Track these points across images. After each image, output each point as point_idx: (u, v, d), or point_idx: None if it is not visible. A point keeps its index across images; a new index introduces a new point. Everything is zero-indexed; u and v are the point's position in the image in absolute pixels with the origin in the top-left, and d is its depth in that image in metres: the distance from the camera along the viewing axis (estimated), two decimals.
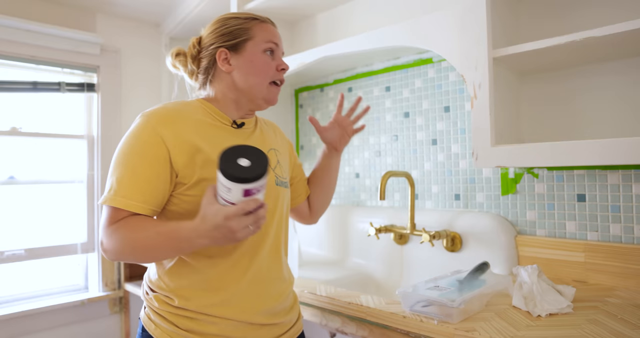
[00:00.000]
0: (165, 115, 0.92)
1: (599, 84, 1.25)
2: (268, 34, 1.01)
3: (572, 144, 1.06)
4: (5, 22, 1.95)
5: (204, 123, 0.96)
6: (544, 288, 1.01)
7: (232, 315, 0.92)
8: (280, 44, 1.03)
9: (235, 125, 1.01)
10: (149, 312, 0.96)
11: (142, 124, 0.90)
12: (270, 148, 1.06)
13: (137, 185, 0.87)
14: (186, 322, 0.91)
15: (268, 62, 1.00)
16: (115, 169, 0.89)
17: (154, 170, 0.88)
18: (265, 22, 1.04)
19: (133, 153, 0.88)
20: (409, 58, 1.70)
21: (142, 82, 2.50)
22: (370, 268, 1.70)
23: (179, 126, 0.91)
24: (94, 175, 2.30)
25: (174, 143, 0.89)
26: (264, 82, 0.99)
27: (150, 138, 0.88)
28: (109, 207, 0.87)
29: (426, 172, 1.64)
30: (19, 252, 2.07)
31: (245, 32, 1.00)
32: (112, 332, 2.31)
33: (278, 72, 1.02)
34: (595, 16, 1.23)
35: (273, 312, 0.98)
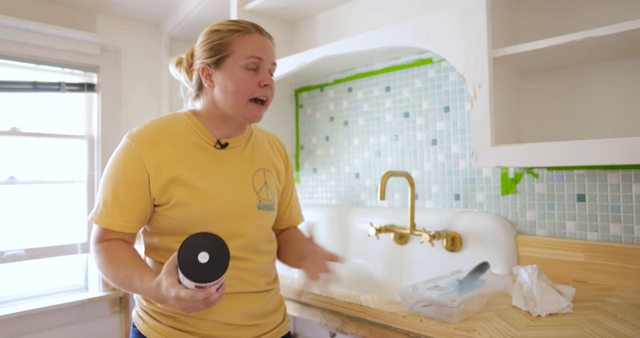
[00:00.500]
0: (148, 137, 0.95)
1: (599, 84, 1.25)
2: (249, 48, 0.94)
3: (572, 144, 1.06)
4: (5, 22, 1.95)
5: (187, 143, 0.97)
6: (544, 288, 1.01)
7: (211, 316, 0.95)
8: (266, 57, 0.96)
9: (218, 145, 0.99)
10: (138, 310, 1.02)
11: (126, 147, 0.94)
12: (258, 168, 1.04)
13: (119, 207, 0.92)
14: (168, 319, 0.95)
15: (247, 79, 0.94)
16: (102, 189, 0.95)
17: (135, 193, 0.93)
18: (250, 32, 0.96)
19: (116, 175, 0.93)
20: (409, 58, 1.70)
21: (142, 82, 2.50)
22: (370, 268, 1.70)
23: (161, 150, 0.94)
24: (94, 175, 2.30)
25: (154, 168, 0.93)
26: (242, 101, 0.95)
27: (132, 162, 0.92)
28: (96, 225, 0.95)
29: (426, 172, 1.64)
30: (19, 252, 2.07)
31: (225, 47, 0.95)
32: (112, 332, 2.31)
33: (260, 88, 0.96)
34: (595, 16, 1.23)
35: (252, 314, 0.99)
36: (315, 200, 2.08)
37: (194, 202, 0.93)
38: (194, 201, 0.93)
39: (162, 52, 2.57)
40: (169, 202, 0.93)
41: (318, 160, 2.07)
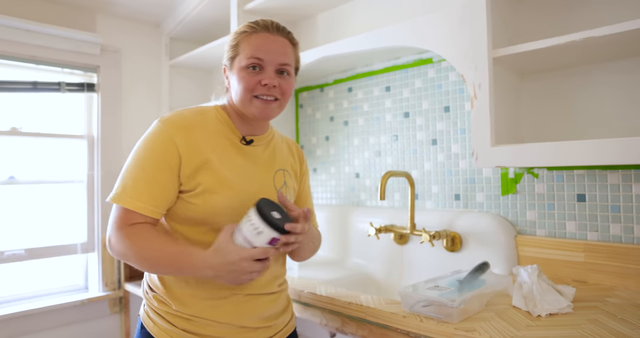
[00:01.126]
0: (181, 122, 0.95)
1: (599, 84, 1.25)
2: (250, 49, 0.96)
3: (572, 144, 1.06)
4: (5, 22, 1.95)
5: (217, 133, 0.98)
6: (544, 288, 1.01)
7: (227, 320, 0.95)
8: (268, 57, 0.96)
9: (244, 141, 1.01)
10: (147, 310, 0.99)
11: (158, 129, 0.93)
12: (278, 169, 1.06)
13: (148, 188, 0.90)
14: (183, 322, 0.94)
15: (248, 77, 0.96)
16: (129, 170, 0.92)
17: (165, 175, 0.91)
18: (257, 32, 0.97)
19: (147, 156, 0.91)
20: (409, 58, 1.70)
21: (142, 82, 2.50)
22: (370, 268, 1.70)
23: (193, 135, 0.94)
24: (94, 175, 2.30)
25: (186, 151, 0.92)
26: (245, 98, 0.97)
27: (165, 143, 0.91)
28: (120, 206, 0.90)
29: (426, 172, 1.64)
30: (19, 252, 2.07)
31: (234, 48, 0.99)
32: (112, 332, 2.31)
33: (262, 86, 0.95)
34: (595, 16, 1.23)
35: (265, 316, 1.01)
36: (315, 200, 2.08)
37: (220, 192, 0.93)
38: (221, 190, 0.93)
39: (162, 52, 2.57)
40: (195, 189, 0.92)
41: (318, 160, 2.07)
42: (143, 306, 1.02)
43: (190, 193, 0.93)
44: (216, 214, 0.94)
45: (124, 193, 0.89)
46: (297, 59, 1.04)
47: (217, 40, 2.19)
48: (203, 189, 0.92)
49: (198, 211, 0.93)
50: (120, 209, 0.90)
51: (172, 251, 0.88)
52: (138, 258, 0.89)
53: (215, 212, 0.93)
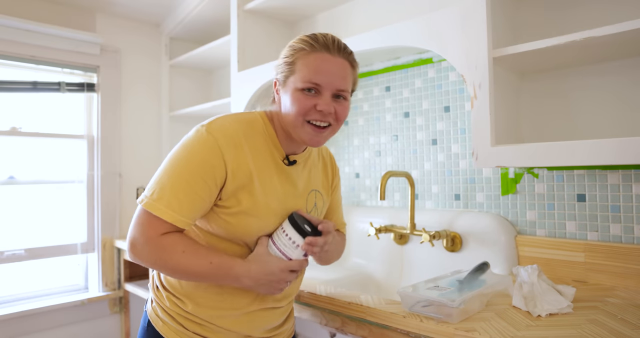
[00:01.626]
0: (232, 135, 0.90)
1: (599, 84, 1.25)
2: (309, 71, 0.89)
3: (572, 144, 1.05)
4: (5, 22, 1.95)
5: (264, 153, 0.94)
6: (544, 288, 1.01)
7: (238, 329, 0.97)
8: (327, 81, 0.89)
9: (287, 161, 0.98)
10: (156, 308, 0.98)
11: (206, 139, 0.88)
12: (312, 189, 1.04)
13: (188, 201, 0.85)
14: (194, 325, 0.95)
15: (303, 99, 0.89)
16: (167, 176, 0.86)
17: (208, 190, 0.87)
18: (316, 51, 0.90)
19: (191, 167, 0.86)
20: (409, 58, 1.70)
21: (142, 82, 2.50)
22: (370, 268, 1.70)
23: (242, 154, 0.90)
24: (94, 175, 2.30)
25: (233, 167, 0.88)
26: (297, 121, 0.91)
27: (214, 157, 0.87)
28: (151, 213, 0.85)
29: (426, 172, 1.64)
30: (19, 252, 2.07)
31: (289, 66, 0.92)
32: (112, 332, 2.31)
33: (316, 111, 0.90)
34: (595, 16, 1.23)
35: (272, 328, 1.04)
36: None
37: (258, 215, 0.92)
38: (259, 214, 0.92)
39: (162, 52, 2.57)
40: (232, 208, 0.90)
41: None
42: (150, 303, 1.01)
43: (226, 210, 0.90)
44: (248, 234, 0.93)
45: (161, 201, 0.84)
46: (355, 81, 0.98)
47: (217, 40, 2.19)
48: (240, 210, 0.90)
49: (230, 229, 0.92)
50: (152, 217, 0.85)
51: (216, 262, 0.87)
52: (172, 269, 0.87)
53: (248, 233, 0.93)
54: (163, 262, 0.86)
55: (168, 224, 0.86)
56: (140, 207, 0.87)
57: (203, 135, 0.88)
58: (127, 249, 0.88)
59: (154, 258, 0.86)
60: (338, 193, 1.19)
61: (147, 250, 0.86)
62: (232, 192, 0.89)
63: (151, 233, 0.85)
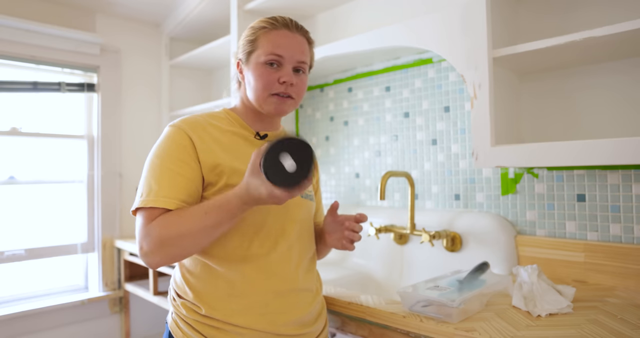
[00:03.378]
0: (193, 122, 0.96)
1: (598, 84, 1.25)
2: (270, 45, 0.95)
3: (572, 144, 1.06)
4: (5, 22, 1.95)
5: (229, 133, 0.99)
6: (544, 288, 1.01)
7: (259, 326, 0.92)
8: (288, 54, 0.95)
9: (258, 136, 1.02)
10: (176, 319, 0.97)
11: (173, 130, 0.94)
12: None
13: (176, 184, 0.88)
14: (213, 331, 0.92)
15: (267, 74, 0.95)
16: (151, 174, 0.90)
17: (191, 169, 0.90)
18: (277, 28, 0.97)
19: (169, 155, 0.91)
20: (409, 58, 1.70)
21: (142, 82, 2.50)
22: (370, 268, 1.70)
23: (207, 133, 0.95)
24: (94, 175, 2.30)
25: (202, 148, 0.92)
26: (262, 95, 0.96)
27: (183, 140, 0.92)
28: (145, 210, 0.86)
29: (426, 172, 1.64)
30: (19, 252, 2.07)
31: (252, 43, 0.98)
32: (112, 332, 2.31)
33: (280, 84, 0.96)
34: (595, 16, 1.23)
35: (301, 323, 0.97)
36: None
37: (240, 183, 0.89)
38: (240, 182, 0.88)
39: (162, 52, 2.57)
40: (217, 184, 0.91)
41: (318, 160, 2.07)
42: (171, 314, 1.00)
43: (212, 190, 0.92)
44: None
45: (150, 195, 0.86)
46: (312, 57, 1.04)
47: (217, 40, 2.19)
48: (224, 184, 0.92)
49: None
50: (145, 211, 0.86)
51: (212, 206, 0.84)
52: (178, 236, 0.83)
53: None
54: (166, 234, 0.83)
55: (160, 209, 0.86)
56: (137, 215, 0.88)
57: (169, 129, 0.95)
58: (141, 257, 0.86)
59: (158, 242, 0.83)
60: (319, 193, 1.22)
61: (149, 237, 0.84)
62: (211, 168, 0.92)
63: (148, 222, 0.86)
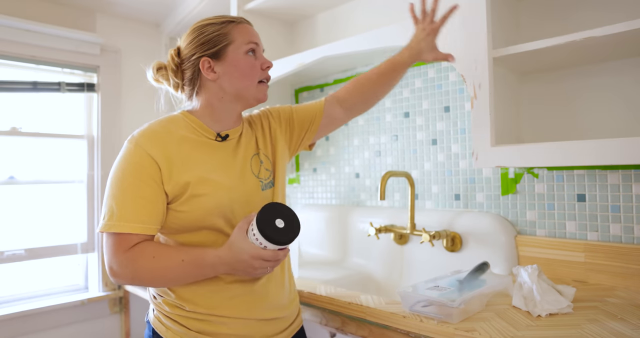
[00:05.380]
0: (152, 135, 0.94)
1: (598, 84, 1.25)
2: (247, 35, 1.00)
3: (572, 144, 1.05)
4: (5, 22, 1.95)
5: (189, 140, 0.97)
6: (544, 288, 1.01)
7: (242, 314, 0.96)
8: (260, 43, 1.03)
9: (219, 138, 1.01)
10: (158, 315, 0.98)
11: (132, 148, 0.92)
12: (252, 154, 1.05)
13: (139, 207, 0.88)
14: (197, 323, 0.94)
15: (252, 62, 1.00)
16: (113, 194, 0.90)
17: (150, 189, 0.89)
18: (242, 22, 1.02)
19: (128, 176, 0.90)
20: None
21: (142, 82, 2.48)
22: (370, 268, 1.70)
23: (167, 147, 0.93)
24: (94, 175, 2.30)
25: (164, 162, 0.91)
26: (252, 83, 1.01)
27: (143, 159, 0.90)
28: (113, 234, 0.87)
29: (426, 172, 1.64)
30: (19, 252, 2.07)
31: (225, 37, 0.98)
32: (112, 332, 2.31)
33: (263, 70, 1.02)
34: (595, 16, 1.23)
35: (277, 306, 1.02)
36: (315, 200, 2.08)
37: (209, 193, 0.93)
38: (209, 191, 0.93)
39: (162, 52, 2.57)
40: (182, 196, 0.92)
41: (318, 160, 2.07)
42: (152, 311, 1.01)
43: (177, 202, 0.92)
44: (207, 215, 0.93)
45: (112, 219, 0.87)
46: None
47: None
48: (190, 194, 0.92)
49: (189, 218, 0.93)
50: (114, 236, 0.88)
51: (188, 259, 0.88)
52: (151, 278, 0.89)
53: (206, 213, 0.93)
54: (139, 273, 0.88)
55: (130, 235, 0.88)
56: (103, 235, 0.90)
57: (129, 147, 0.93)
58: (110, 276, 0.89)
59: (130, 273, 0.87)
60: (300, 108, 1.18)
61: (122, 267, 0.87)
62: (175, 184, 0.91)
63: (118, 250, 0.87)
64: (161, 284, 0.93)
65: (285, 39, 2.09)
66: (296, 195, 2.18)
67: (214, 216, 0.94)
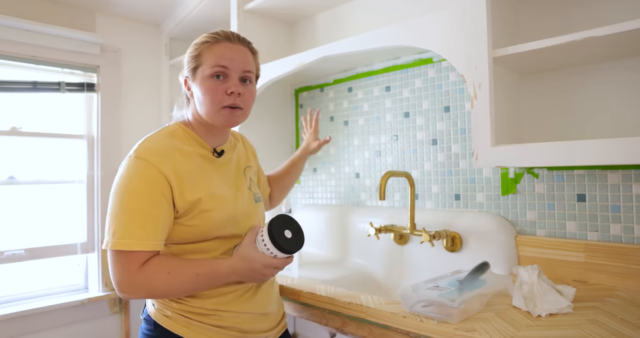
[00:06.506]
0: (159, 152, 0.94)
1: (599, 84, 1.25)
2: (214, 58, 0.97)
3: (572, 144, 1.05)
4: (5, 22, 1.95)
5: (194, 155, 1.00)
6: (544, 288, 1.01)
7: (244, 308, 1.01)
8: (232, 65, 0.98)
9: (216, 154, 1.05)
10: (161, 309, 1.00)
11: (142, 164, 0.91)
12: (244, 167, 1.14)
13: (150, 225, 0.89)
14: (202, 317, 0.98)
15: (214, 87, 0.97)
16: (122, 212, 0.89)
17: (162, 207, 0.91)
18: (218, 42, 0.99)
19: (139, 193, 0.89)
20: (409, 58, 1.70)
21: (142, 82, 2.50)
22: (370, 268, 1.70)
23: (176, 162, 0.95)
24: (94, 175, 2.30)
25: (175, 179, 0.93)
26: (212, 108, 0.98)
27: (154, 177, 0.90)
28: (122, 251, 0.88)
29: (426, 172, 1.64)
30: (19, 252, 2.07)
31: (196, 58, 1.00)
32: (112, 332, 2.31)
33: (228, 96, 0.98)
34: (595, 16, 1.23)
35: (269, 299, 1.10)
36: (315, 200, 2.08)
37: (216, 207, 0.97)
38: (217, 206, 0.98)
39: (162, 52, 2.57)
40: (192, 211, 0.94)
41: (318, 160, 2.07)
42: (152, 306, 1.02)
43: (187, 217, 0.95)
44: (214, 228, 0.98)
45: (125, 236, 0.87)
46: (257, 67, 1.07)
47: None
48: (200, 210, 0.95)
49: (197, 231, 0.96)
50: (124, 254, 0.88)
51: (202, 272, 0.92)
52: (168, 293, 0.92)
53: (213, 227, 0.97)
54: (155, 289, 0.90)
55: (141, 253, 0.89)
56: (110, 251, 0.89)
57: (135, 161, 0.92)
58: (118, 292, 0.89)
59: (145, 290, 0.89)
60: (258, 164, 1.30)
61: (136, 285, 0.88)
62: (186, 200, 0.93)
63: (131, 268, 0.88)
64: (176, 297, 0.97)
65: (285, 38, 2.09)
66: (296, 195, 2.18)
67: (221, 228, 0.99)
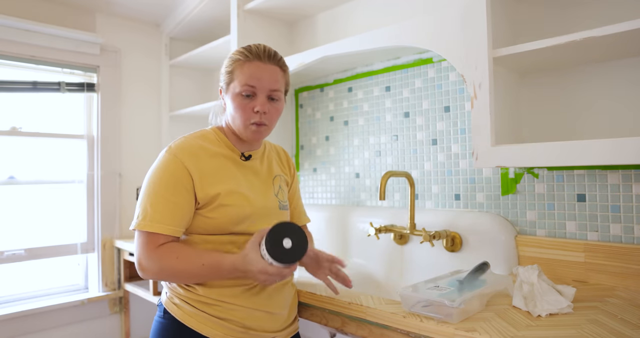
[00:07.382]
0: (187, 149, 1.05)
1: (599, 84, 1.25)
2: (244, 77, 1.05)
3: (572, 144, 1.05)
4: (5, 22, 1.95)
5: (220, 155, 1.09)
6: (544, 288, 1.01)
7: (249, 304, 1.04)
8: (260, 84, 1.04)
9: (243, 157, 1.12)
10: (171, 297, 1.07)
11: (169, 158, 1.03)
12: (274, 175, 1.18)
13: (169, 211, 0.99)
14: (207, 307, 1.03)
15: (243, 105, 1.05)
16: (146, 197, 1.01)
17: (182, 197, 1.00)
18: (249, 60, 1.05)
19: (164, 183, 1.00)
20: (409, 58, 1.70)
21: (142, 81, 2.50)
22: (370, 268, 1.70)
23: (201, 160, 1.04)
24: (94, 175, 2.30)
25: (197, 172, 1.02)
26: (241, 123, 1.07)
27: (178, 170, 1.01)
28: (145, 232, 0.99)
29: (426, 172, 1.64)
30: (19, 252, 2.07)
31: (229, 74, 1.08)
32: (112, 332, 2.31)
33: (254, 114, 1.05)
34: (595, 16, 1.23)
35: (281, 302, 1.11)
36: (315, 200, 2.08)
37: (235, 204, 1.04)
38: (236, 202, 1.04)
39: (162, 52, 2.57)
40: (212, 204, 1.02)
41: (318, 160, 2.07)
42: (165, 294, 1.09)
43: (207, 208, 1.03)
44: (231, 223, 1.04)
45: (147, 219, 0.98)
46: (287, 83, 1.14)
47: (217, 40, 2.19)
48: (218, 204, 1.02)
49: (215, 223, 1.03)
50: (145, 234, 0.99)
51: (207, 263, 0.97)
52: (173, 274, 0.99)
53: (229, 221, 1.04)
54: (163, 270, 0.98)
55: (160, 235, 0.99)
56: (136, 232, 1.01)
57: (166, 156, 1.04)
58: (138, 269, 1.00)
59: (157, 268, 0.98)
60: (297, 185, 1.31)
61: (150, 262, 0.98)
62: (205, 193, 1.02)
63: (150, 247, 0.98)
64: (182, 281, 1.03)
65: (285, 38, 2.09)
66: None
67: (236, 224, 1.05)
